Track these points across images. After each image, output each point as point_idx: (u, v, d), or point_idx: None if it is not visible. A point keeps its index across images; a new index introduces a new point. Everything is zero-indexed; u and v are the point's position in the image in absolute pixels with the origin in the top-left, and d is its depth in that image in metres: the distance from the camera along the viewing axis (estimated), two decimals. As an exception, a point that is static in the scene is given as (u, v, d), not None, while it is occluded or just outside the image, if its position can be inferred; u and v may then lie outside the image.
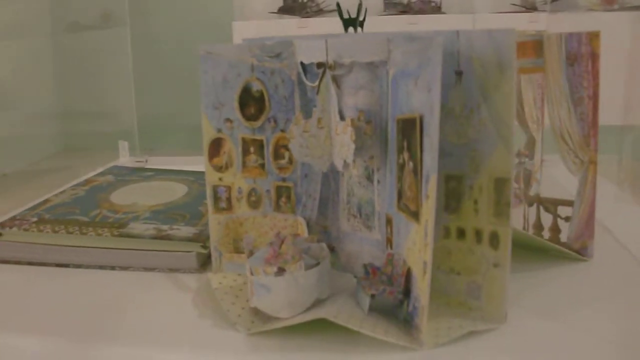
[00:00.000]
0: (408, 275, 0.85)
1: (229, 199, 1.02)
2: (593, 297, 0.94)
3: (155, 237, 1.07)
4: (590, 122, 1.01)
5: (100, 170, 1.55)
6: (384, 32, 0.88)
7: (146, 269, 1.07)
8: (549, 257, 1.06)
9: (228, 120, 1.00)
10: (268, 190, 1.02)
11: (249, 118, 1.00)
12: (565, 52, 0.98)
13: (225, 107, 0.99)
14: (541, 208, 1.11)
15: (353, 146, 0.89)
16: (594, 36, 0.99)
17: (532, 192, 1.31)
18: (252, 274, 0.86)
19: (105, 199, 1.26)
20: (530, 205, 1.12)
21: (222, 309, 0.91)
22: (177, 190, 1.31)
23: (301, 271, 0.86)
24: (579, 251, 1.06)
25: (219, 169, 1.01)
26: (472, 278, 0.88)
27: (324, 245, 0.93)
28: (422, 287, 0.80)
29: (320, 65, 0.93)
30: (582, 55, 0.99)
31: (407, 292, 0.85)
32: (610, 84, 1.27)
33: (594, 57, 1.00)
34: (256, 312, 0.89)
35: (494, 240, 0.85)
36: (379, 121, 0.92)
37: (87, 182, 1.39)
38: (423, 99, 0.78)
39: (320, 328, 0.83)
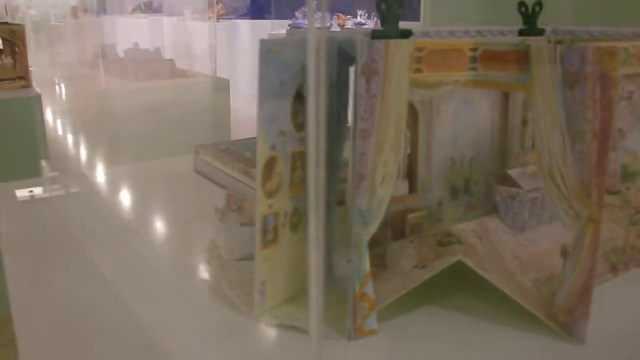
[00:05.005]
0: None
1: (275, 228, 0.87)
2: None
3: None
4: (593, 166, 0.77)
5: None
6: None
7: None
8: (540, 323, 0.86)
9: (282, 133, 0.84)
10: (305, 207, 0.91)
11: (298, 128, 0.86)
12: (561, 69, 0.77)
13: (280, 118, 0.83)
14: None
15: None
16: (606, 53, 0.74)
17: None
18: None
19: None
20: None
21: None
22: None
23: (237, 225, 1.01)
24: (566, 328, 0.83)
25: (270, 194, 0.85)
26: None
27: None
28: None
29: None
30: (587, 76, 0.75)
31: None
32: None
33: (606, 81, 0.74)
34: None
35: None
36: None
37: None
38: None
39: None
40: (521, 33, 1.19)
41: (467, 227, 0.98)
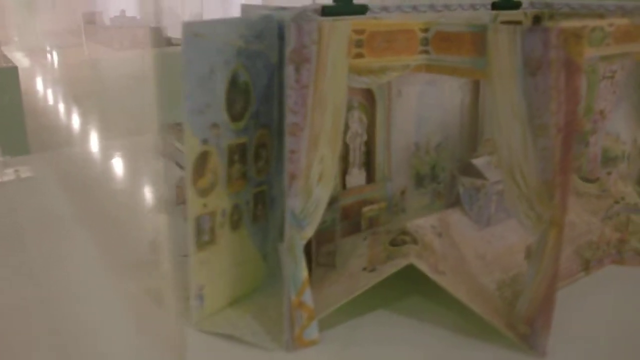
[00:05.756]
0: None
1: (212, 229, 0.79)
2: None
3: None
4: (557, 164, 0.68)
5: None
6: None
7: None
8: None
9: (215, 125, 0.75)
10: (248, 202, 0.85)
11: (235, 118, 0.77)
12: (522, 54, 0.67)
13: (212, 109, 0.74)
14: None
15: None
16: (572, 36, 0.65)
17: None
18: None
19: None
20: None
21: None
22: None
23: (182, 220, 0.93)
24: (526, 339, 0.75)
25: (204, 192, 0.77)
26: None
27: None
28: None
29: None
30: (550, 62, 0.66)
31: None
32: None
33: (571, 67, 0.65)
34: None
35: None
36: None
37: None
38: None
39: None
40: (494, 6, 1.09)
41: (425, 222, 0.90)
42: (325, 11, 0.87)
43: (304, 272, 0.73)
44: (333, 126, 0.69)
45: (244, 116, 0.78)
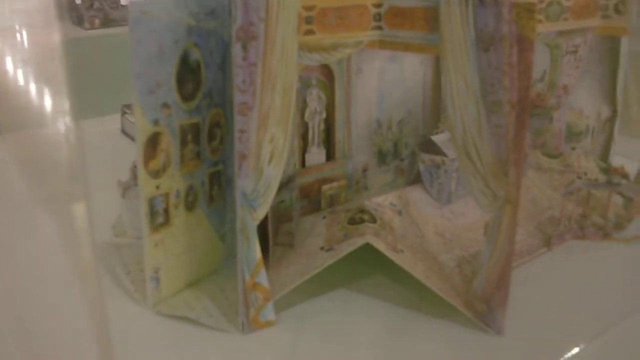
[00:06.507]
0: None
1: (166, 210, 0.77)
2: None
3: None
4: (510, 140, 0.67)
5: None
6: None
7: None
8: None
9: (165, 105, 0.73)
10: (203, 182, 0.83)
11: (186, 98, 0.75)
12: (474, 29, 0.66)
13: (162, 89, 0.72)
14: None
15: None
16: (524, 11, 0.63)
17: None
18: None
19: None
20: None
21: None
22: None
23: (137, 200, 0.91)
24: (483, 317, 0.75)
25: (156, 174, 0.75)
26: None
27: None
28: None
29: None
30: (503, 37, 0.65)
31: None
32: None
33: (524, 43, 0.64)
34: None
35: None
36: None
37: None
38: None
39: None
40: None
41: (385, 200, 0.89)
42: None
43: (257, 253, 0.72)
44: (283, 105, 0.67)
45: (196, 96, 0.76)
